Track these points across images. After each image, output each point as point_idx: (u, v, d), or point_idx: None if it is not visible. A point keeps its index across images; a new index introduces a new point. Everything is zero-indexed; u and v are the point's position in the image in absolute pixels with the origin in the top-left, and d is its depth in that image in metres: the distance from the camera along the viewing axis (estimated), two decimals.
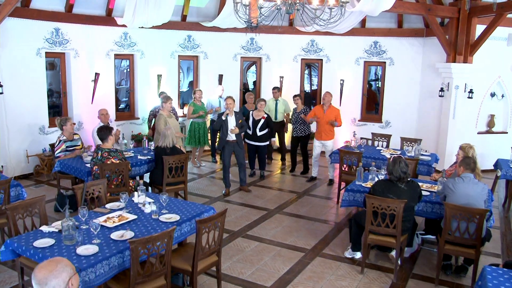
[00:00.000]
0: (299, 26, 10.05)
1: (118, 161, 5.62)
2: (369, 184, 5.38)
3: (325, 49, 10.51)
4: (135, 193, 4.60)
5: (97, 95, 9.08)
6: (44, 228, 3.79)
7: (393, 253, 4.90)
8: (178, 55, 10.16)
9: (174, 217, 4.08)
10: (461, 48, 8.47)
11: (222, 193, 7.52)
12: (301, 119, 8.48)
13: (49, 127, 8.47)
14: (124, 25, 8.93)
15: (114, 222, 3.92)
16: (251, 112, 8.29)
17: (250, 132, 8.12)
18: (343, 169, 6.90)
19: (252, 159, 8.48)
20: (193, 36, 10.16)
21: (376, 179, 5.49)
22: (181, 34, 10.06)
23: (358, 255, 5.05)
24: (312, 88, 12.48)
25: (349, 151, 6.88)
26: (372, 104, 11.05)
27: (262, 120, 8.10)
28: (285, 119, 9.56)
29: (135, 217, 4.08)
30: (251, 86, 12.54)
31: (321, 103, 8.10)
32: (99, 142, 6.95)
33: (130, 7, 7.98)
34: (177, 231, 3.95)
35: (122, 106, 10.59)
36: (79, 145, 6.91)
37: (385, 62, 10.25)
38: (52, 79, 9.00)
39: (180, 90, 10.81)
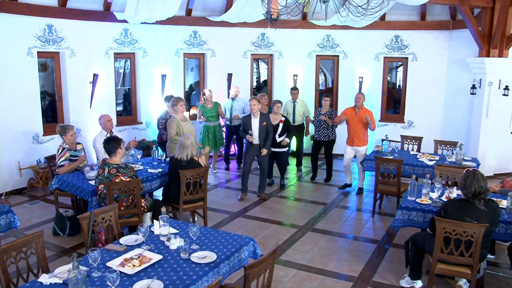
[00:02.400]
0: (314, 20, 9.26)
1: (128, 179, 4.78)
2: (424, 201, 4.61)
3: (342, 44, 9.72)
4: (156, 222, 3.76)
5: (95, 99, 8.21)
6: (44, 280, 2.92)
7: (461, 282, 4.16)
8: (184, 53, 9.31)
9: (209, 256, 3.26)
10: (496, 41, 7.74)
11: (237, 198, 6.88)
12: (325, 122, 7.67)
13: (43, 135, 7.60)
14: (124, 21, 8.08)
15: (134, 266, 3.08)
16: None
17: None
18: (379, 178, 6.13)
19: (270, 166, 7.68)
20: (199, 32, 9.31)
21: (432, 194, 4.72)
22: (186, 30, 9.21)
23: (418, 284, 4.28)
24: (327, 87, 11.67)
25: (387, 158, 6.11)
26: (391, 103, 10.31)
27: (281, 124, 7.32)
28: (305, 122, 8.72)
29: (160, 257, 3.25)
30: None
31: (354, 104, 7.28)
32: (102, 153, 6.19)
33: (132, 0, 7.12)
34: (215, 274, 3.14)
35: (118, 109, 9.68)
36: (83, 155, 6.07)
37: (407, 58, 9.50)
38: (45, 81, 8.11)
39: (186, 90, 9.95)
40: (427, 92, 9.33)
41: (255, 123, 6.75)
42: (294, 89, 8.63)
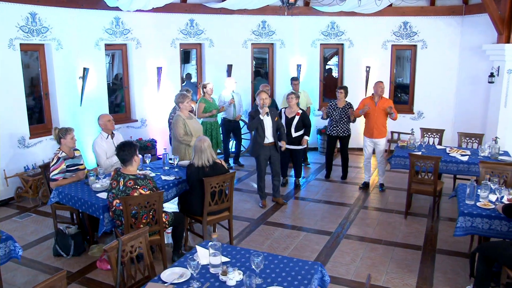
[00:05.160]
0: (317, 6, 8.67)
1: (147, 192, 4.09)
2: (487, 204, 4.15)
3: (348, 32, 9.18)
4: (200, 249, 3.11)
5: (86, 95, 7.37)
6: None
7: None
8: (180, 43, 8.53)
9: None
10: None
11: (259, 206, 6.27)
12: (344, 117, 7.13)
13: (30, 138, 6.74)
14: (115, 8, 7.26)
15: None
16: (282, 109, 6.89)
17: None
18: (413, 176, 5.66)
19: (285, 165, 7.09)
20: (196, 20, 8.55)
21: (492, 196, 4.27)
22: (182, 18, 8.43)
23: None
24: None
25: (424, 155, 5.63)
26: (400, 93, 9.89)
27: (297, 118, 6.73)
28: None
29: None
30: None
31: (372, 94, 6.78)
32: (104, 158, 5.45)
33: None
34: None
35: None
36: (82, 164, 5.29)
37: (416, 45, 9.06)
38: (29, 77, 7.19)
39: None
40: (437, 81, 8.94)
41: (266, 120, 6.10)
42: (295, 80, 8.06)
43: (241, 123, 8.52)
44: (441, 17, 8.71)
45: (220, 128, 7.99)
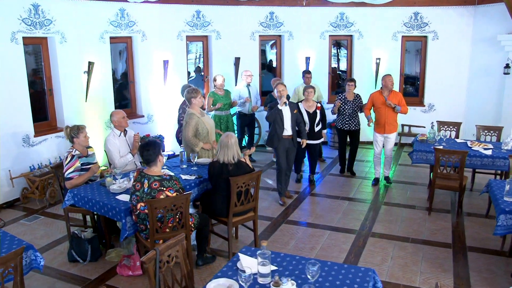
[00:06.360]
0: None
1: (174, 194, 3.86)
2: None
3: (357, 23, 8.95)
4: (243, 257, 2.89)
5: (91, 91, 7.08)
6: None
7: None
8: (186, 36, 8.25)
9: None
10: None
11: (279, 203, 6.08)
12: (355, 110, 6.96)
13: (35, 136, 6.44)
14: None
15: None
16: (300, 104, 6.67)
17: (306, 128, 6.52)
18: (438, 171, 5.50)
19: (301, 160, 6.90)
20: (202, 11, 8.26)
21: None
22: (189, 10, 8.14)
23: None
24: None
25: (450, 150, 5.46)
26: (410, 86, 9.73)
27: (318, 112, 6.54)
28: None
29: None
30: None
31: (381, 88, 6.61)
32: (117, 156, 5.20)
33: None
34: None
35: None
36: (96, 163, 5.04)
37: (426, 37, 8.88)
38: (31, 72, 6.87)
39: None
40: (449, 73, 8.79)
41: (285, 111, 5.91)
42: (308, 73, 7.84)
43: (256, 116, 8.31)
44: (453, 7, 8.53)
45: (235, 121, 7.79)
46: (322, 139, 6.71)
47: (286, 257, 3.03)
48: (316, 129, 6.53)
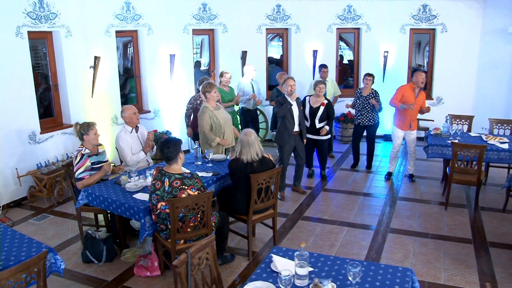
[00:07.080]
0: None
1: (195, 192, 3.75)
2: None
3: (364, 16, 8.83)
4: (277, 258, 2.78)
5: (97, 86, 6.92)
6: None
7: None
8: (193, 29, 8.09)
9: None
10: None
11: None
12: (369, 105, 6.85)
13: (41, 133, 6.29)
14: None
15: None
16: (307, 98, 6.56)
17: (307, 123, 6.42)
18: (456, 166, 5.42)
19: (310, 156, 6.80)
20: (209, 4, 8.10)
21: None
22: (195, 3, 7.99)
23: None
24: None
25: (468, 144, 5.38)
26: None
27: (322, 108, 6.41)
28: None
29: None
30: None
31: (411, 82, 6.43)
32: (129, 154, 5.07)
33: None
34: None
35: None
36: (107, 161, 4.90)
37: (435, 29, 8.78)
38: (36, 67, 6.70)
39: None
40: (457, 66, 8.70)
41: (295, 107, 5.82)
42: (324, 67, 7.69)
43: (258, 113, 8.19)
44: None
45: (239, 117, 7.65)
46: (329, 136, 6.57)
47: (320, 257, 2.93)
48: (318, 125, 6.38)
